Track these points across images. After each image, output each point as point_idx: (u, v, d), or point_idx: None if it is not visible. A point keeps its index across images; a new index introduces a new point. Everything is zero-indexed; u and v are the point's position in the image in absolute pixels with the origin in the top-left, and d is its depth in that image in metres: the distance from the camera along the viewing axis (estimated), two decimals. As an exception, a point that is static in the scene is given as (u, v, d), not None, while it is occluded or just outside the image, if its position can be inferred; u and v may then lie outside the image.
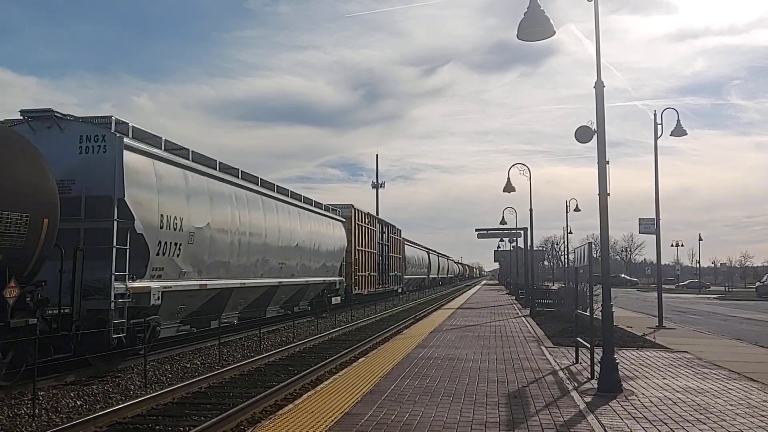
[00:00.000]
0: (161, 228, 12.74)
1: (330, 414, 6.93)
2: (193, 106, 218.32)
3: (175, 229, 13.24)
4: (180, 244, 13.48)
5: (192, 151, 14.89)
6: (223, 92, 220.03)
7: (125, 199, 11.62)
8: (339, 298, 28.00)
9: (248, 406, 8.80)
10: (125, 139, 12.02)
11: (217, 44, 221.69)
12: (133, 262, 11.85)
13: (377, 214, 59.45)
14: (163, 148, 13.63)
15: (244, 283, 17.06)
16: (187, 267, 13.94)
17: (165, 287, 12.95)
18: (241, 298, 17.57)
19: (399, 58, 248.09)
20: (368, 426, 6.45)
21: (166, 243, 12.94)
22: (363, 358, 11.99)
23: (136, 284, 12.01)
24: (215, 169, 15.94)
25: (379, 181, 61.28)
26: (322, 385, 8.92)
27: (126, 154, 11.86)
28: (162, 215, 12.78)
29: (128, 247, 11.68)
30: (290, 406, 7.55)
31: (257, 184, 18.56)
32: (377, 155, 69.49)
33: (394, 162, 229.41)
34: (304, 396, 8.17)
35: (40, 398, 9.10)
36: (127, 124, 12.55)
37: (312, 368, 12.25)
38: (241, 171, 17.59)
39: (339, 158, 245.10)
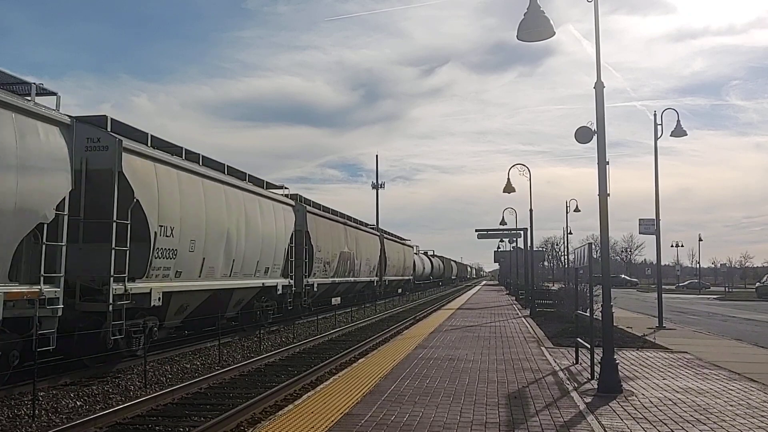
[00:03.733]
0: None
1: (330, 414, 6.93)
2: (192, 107, 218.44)
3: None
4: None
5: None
6: (222, 92, 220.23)
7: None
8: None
9: (248, 407, 8.81)
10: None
11: (216, 44, 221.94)
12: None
13: (377, 215, 57.58)
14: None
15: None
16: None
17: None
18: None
19: (398, 58, 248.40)
20: (368, 426, 6.45)
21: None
22: (363, 359, 11.99)
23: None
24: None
25: (379, 182, 61.17)
26: (322, 386, 8.92)
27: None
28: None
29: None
30: (290, 406, 7.55)
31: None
32: (377, 156, 68.90)
33: (394, 162, 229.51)
34: (304, 396, 8.17)
35: (40, 399, 9.10)
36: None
37: (312, 369, 12.25)
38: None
39: (338, 158, 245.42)
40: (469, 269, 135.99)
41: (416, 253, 57.71)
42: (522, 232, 37.74)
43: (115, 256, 11.25)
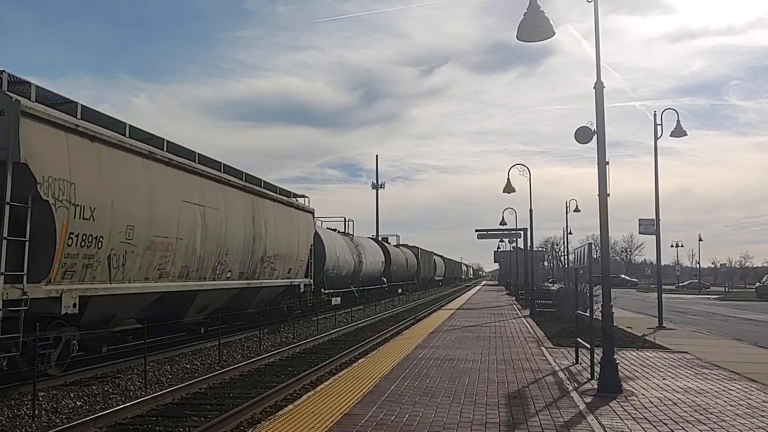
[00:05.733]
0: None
1: (330, 415, 6.93)
2: (191, 107, 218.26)
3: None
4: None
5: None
6: (221, 92, 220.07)
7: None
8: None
9: (248, 407, 8.80)
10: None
11: (216, 45, 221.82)
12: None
13: (377, 215, 57.27)
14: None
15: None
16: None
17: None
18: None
19: (397, 58, 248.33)
20: (368, 427, 6.45)
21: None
22: (363, 359, 11.99)
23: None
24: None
25: (379, 182, 61.11)
26: (322, 386, 8.92)
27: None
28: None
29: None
30: (290, 406, 7.55)
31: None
32: (377, 156, 68.33)
33: (394, 162, 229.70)
34: (304, 396, 8.17)
35: (40, 399, 9.09)
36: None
37: (312, 369, 12.25)
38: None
39: (338, 159, 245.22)
40: (464, 268, 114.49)
41: (344, 234, 32.21)
42: (522, 232, 37.74)
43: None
